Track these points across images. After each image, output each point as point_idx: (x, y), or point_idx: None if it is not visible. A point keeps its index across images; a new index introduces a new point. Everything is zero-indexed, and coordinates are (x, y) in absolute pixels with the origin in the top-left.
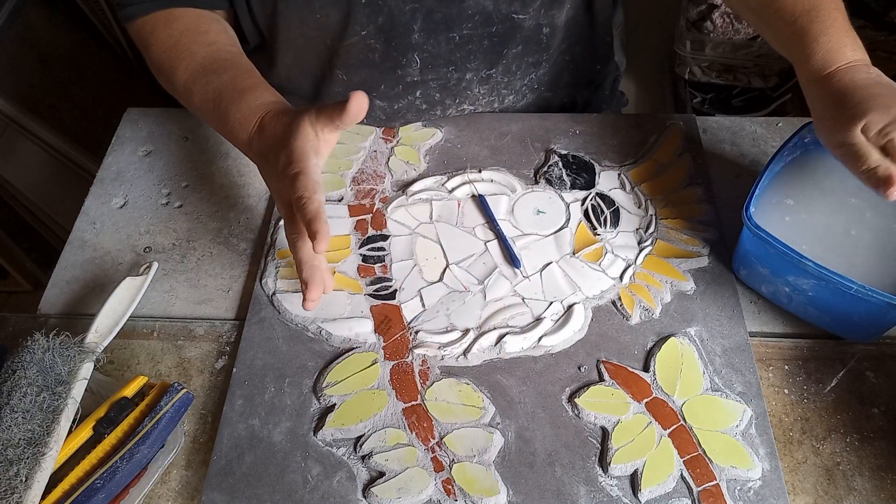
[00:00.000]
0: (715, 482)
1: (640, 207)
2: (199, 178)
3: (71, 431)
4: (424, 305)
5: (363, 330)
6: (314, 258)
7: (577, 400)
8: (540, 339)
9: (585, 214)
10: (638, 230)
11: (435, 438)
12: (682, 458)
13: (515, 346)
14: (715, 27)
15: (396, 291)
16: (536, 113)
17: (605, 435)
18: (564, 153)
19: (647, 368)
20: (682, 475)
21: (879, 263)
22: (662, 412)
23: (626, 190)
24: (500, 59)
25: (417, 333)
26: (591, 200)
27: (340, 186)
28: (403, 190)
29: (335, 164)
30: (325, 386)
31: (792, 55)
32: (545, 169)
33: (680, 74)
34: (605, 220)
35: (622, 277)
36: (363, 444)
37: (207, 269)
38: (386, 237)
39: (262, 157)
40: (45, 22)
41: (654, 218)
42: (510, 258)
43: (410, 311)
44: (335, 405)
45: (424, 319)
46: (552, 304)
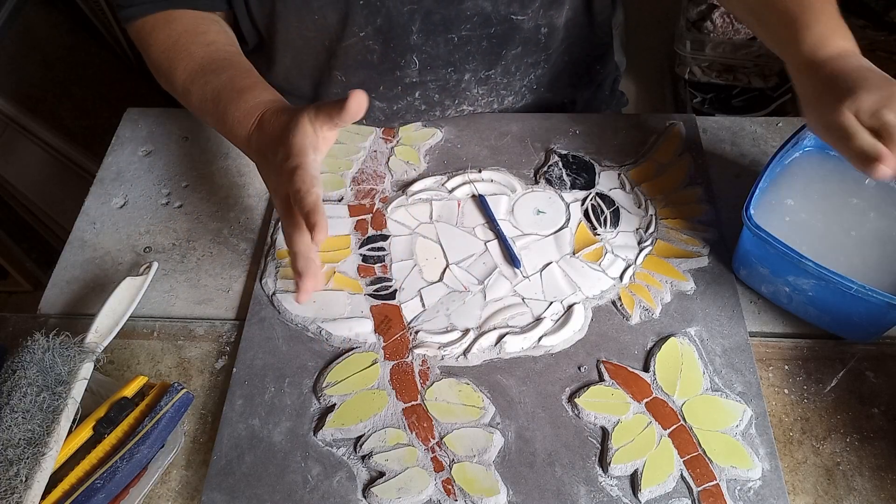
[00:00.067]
0: (715, 482)
1: (640, 207)
2: (199, 178)
3: (71, 431)
4: (424, 305)
5: (363, 330)
6: (310, 251)
7: (577, 400)
8: (540, 339)
9: (585, 214)
10: (638, 230)
11: (435, 438)
12: (682, 458)
13: (515, 346)
14: (715, 27)
15: (396, 291)
16: (536, 113)
17: (605, 435)
18: (564, 153)
19: (647, 368)
20: (682, 475)
21: (879, 263)
22: (662, 412)
23: (626, 190)
24: (499, 59)
25: (417, 333)
26: (591, 200)
27: (340, 186)
28: (403, 190)
29: (335, 164)
30: (325, 386)
31: (782, 44)
32: (545, 169)
33: (680, 74)
34: (605, 220)
35: (622, 277)
36: (363, 444)
37: (207, 269)
38: (386, 237)
39: (260, 154)
40: (45, 22)
41: (654, 218)
42: (510, 258)
43: (410, 311)
44: (335, 405)
45: (424, 319)
46: (552, 304)
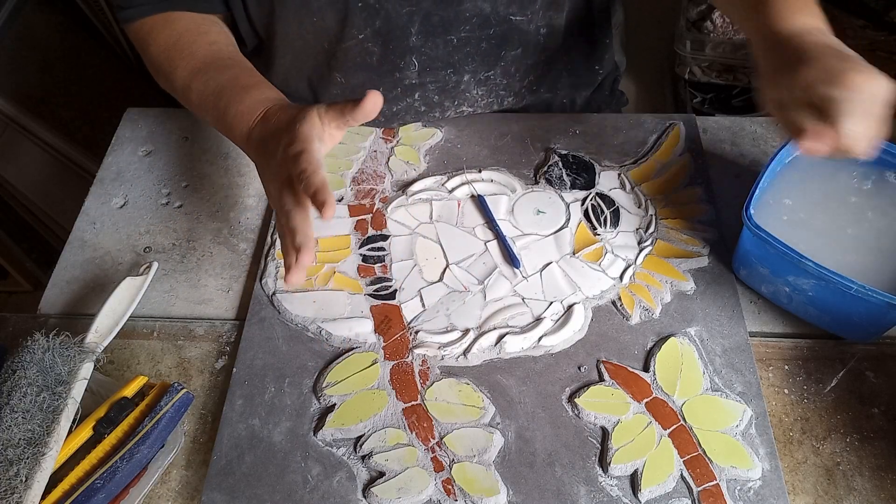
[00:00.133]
0: (715, 482)
1: (640, 207)
2: (199, 178)
3: (71, 431)
4: (424, 305)
5: (363, 330)
6: (309, 228)
7: (577, 400)
8: (540, 339)
9: (585, 214)
10: (638, 230)
11: (435, 438)
12: (682, 458)
13: (515, 346)
14: (715, 27)
15: (396, 291)
16: (536, 113)
17: (605, 435)
18: (564, 153)
19: (647, 368)
20: (682, 475)
21: (877, 262)
22: (662, 412)
23: (626, 190)
24: (498, 61)
25: (417, 333)
26: (591, 200)
27: (340, 186)
28: (403, 190)
29: (335, 164)
30: (325, 386)
31: (747, 19)
32: (545, 169)
33: (680, 74)
34: (605, 220)
35: (622, 277)
36: (363, 444)
37: (207, 269)
38: (386, 237)
39: (261, 143)
40: (45, 22)
41: (654, 218)
42: (510, 258)
43: (410, 311)
44: (335, 405)
45: (424, 319)
46: (552, 304)
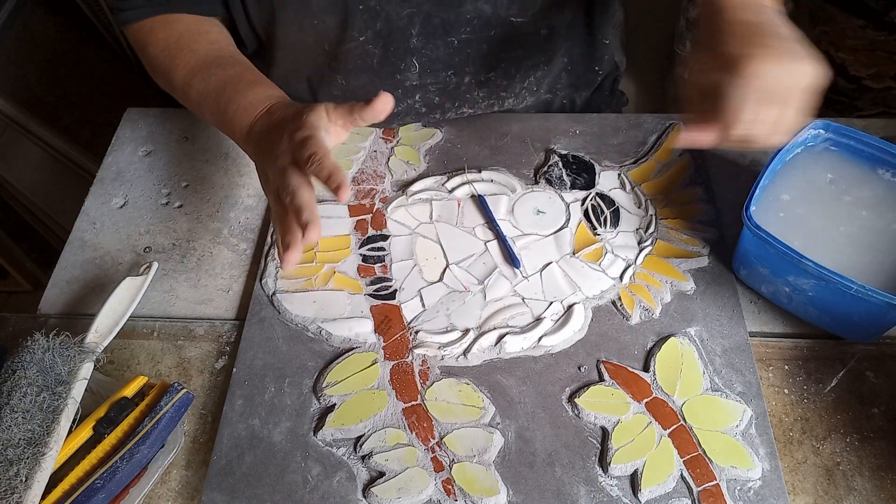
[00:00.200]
0: (715, 482)
1: (640, 207)
2: (199, 178)
3: (71, 431)
4: (424, 305)
5: (363, 330)
6: (315, 205)
7: (577, 400)
8: (540, 339)
9: (585, 214)
10: (638, 230)
11: (435, 438)
12: (682, 458)
13: (515, 346)
14: None
15: (396, 291)
16: (536, 113)
17: (605, 435)
18: (564, 153)
19: (647, 368)
20: (682, 475)
21: (876, 262)
22: (662, 412)
23: (626, 190)
24: (498, 62)
25: (417, 333)
26: (591, 200)
27: None
28: (403, 190)
29: None
30: (325, 386)
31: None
32: (545, 169)
33: (680, 74)
34: (605, 220)
35: (622, 277)
36: (363, 444)
37: (207, 269)
38: (386, 237)
39: (262, 134)
40: (45, 22)
41: (654, 218)
42: (510, 258)
43: (410, 311)
44: (335, 405)
45: (424, 319)
46: (552, 304)
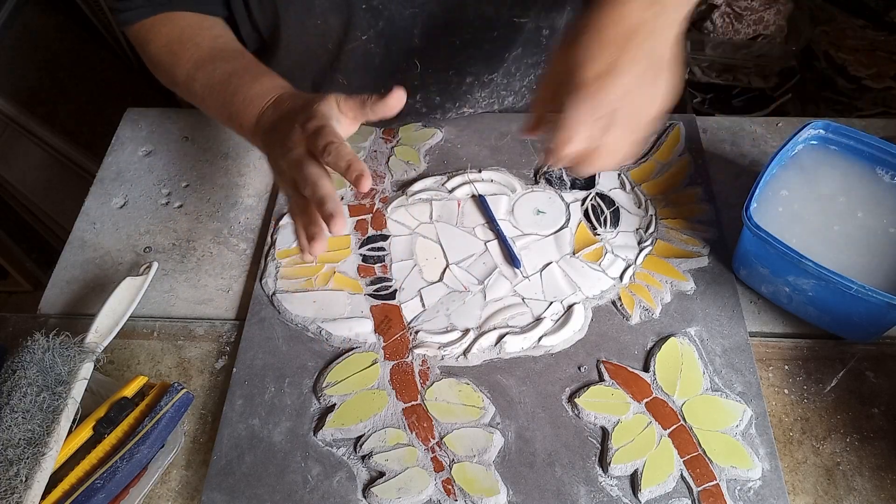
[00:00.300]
0: (715, 482)
1: (640, 207)
2: (199, 178)
3: (71, 431)
4: (424, 305)
5: (363, 330)
6: (336, 194)
7: (577, 400)
8: (540, 339)
9: (585, 214)
10: (638, 230)
11: (435, 438)
12: (682, 458)
13: (515, 346)
14: (715, 27)
15: (396, 291)
16: None
17: (605, 435)
18: None
19: (647, 368)
20: (682, 475)
21: (874, 261)
22: (662, 412)
23: (626, 190)
24: (500, 62)
25: (417, 333)
26: (591, 200)
27: (341, 186)
28: (403, 190)
29: None
30: (325, 386)
31: None
32: (545, 169)
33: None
34: (605, 220)
35: (622, 277)
36: (363, 444)
37: (207, 269)
38: (386, 237)
39: (272, 125)
40: (45, 22)
41: (654, 218)
42: (510, 258)
43: (410, 311)
44: (335, 405)
45: (424, 319)
46: (552, 304)
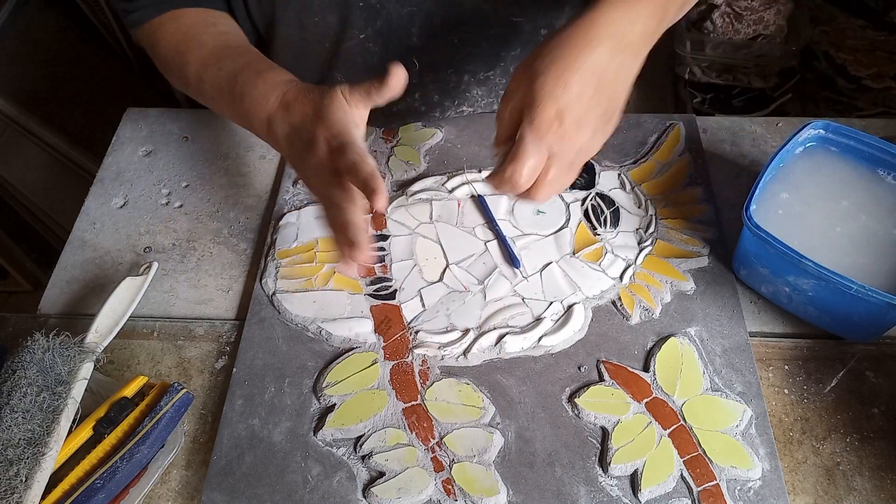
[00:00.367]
0: (715, 482)
1: (640, 207)
2: (199, 178)
3: (71, 431)
4: (424, 305)
5: (363, 330)
6: (361, 222)
7: (577, 400)
8: (540, 339)
9: (585, 214)
10: (638, 230)
11: (435, 438)
12: (682, 458)
13: (515, 346)
14: (715, 27)
15: (396, 291)
16: None
17: (605, 435)
18: None
19: (647, 368)
20: (682, 475)
21: (874, 261)
22: (662, 412)
23: (626, 190)
24: (498, 61)
25: (417, 333)
26: (591, 200)
27: None
28: (403, 190)
29: None
30: (325, 386)
31: None
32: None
33: (680, 74)
34: (605, 220)
35: (622, 277)
36: (363, 444)
37: (207, 269)
38: (386, 237)
39: (289, 136)
40: (45, 22)
41: (654, 218)
42: (510, 258)
43: (410, 311)
44: (335, 405)
45: (424, 319)
46: (552, 304)
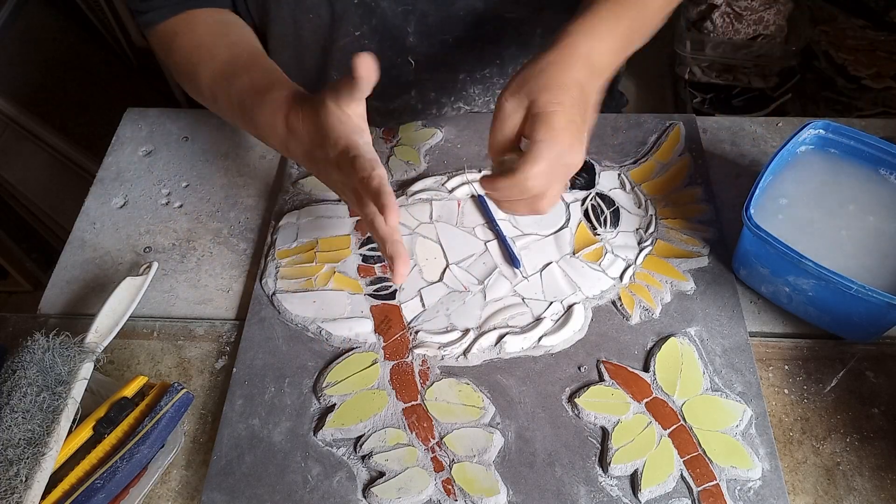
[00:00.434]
0: (715, 482)
1: (640, 207)
2: (199, 178)
3: (71, 431)
4: (424, 305)
5: (363, 330)
6: (394, 233)
7: (577, 400)
8: (540, 339)
9: (585, 214)
10: (638, 230)
11: (435, 438)
12: (682, 458)
13: (515, 346)
14: (715, 27)
15: (396, 291)
16: None
17: (605, 435)
18: None
19: (647, 368)
20: (682, 475)
21: (874, 261)
22: (662, 412)
23: (626, 190)
24: (494, 59)
25: (417, 333)
26: (591, 200)
27: None
28: (403, 190)
29: None
30: (325, 386)
31: None
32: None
33: (680, 74)
34: (605, 220)
35: (622, 277)
36: (363, 444)
37: (207, 269)
38: None
39: (306, 160)
40: (45, 22)
41: (654, 218)
42: (510, 258)
43: (410, 311)
44: (335, 405)
45: (424, 319)
46: (552, 304)
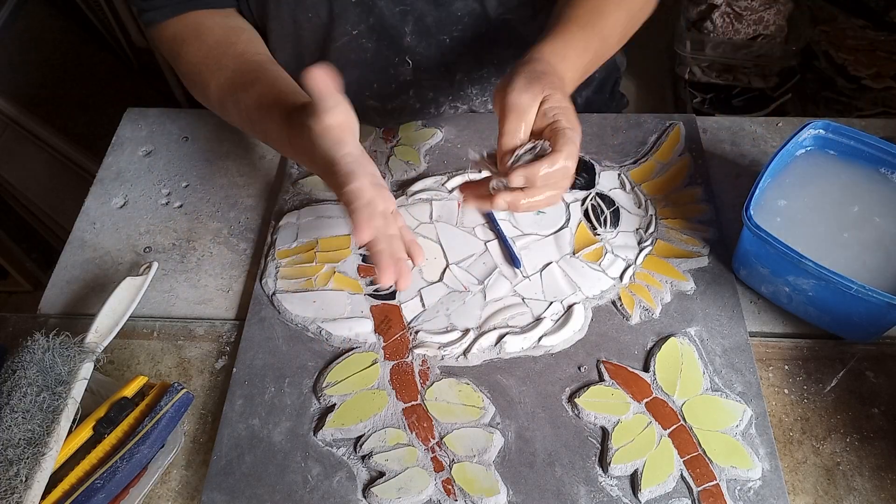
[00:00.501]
0: (715, 482)
1: (640, 207)
2: (199, 178)
3: (71, 431)
4: (424, 305)
5: (363, 330)
6: (399, 251)
7: (577, 400)
8: (540, 339)
9: (585, 214)
10: (638, 230)
11: (435, 438)
12: (682, 458)
13: (515, 346)
14: (715, 27)
15: (396, 291)
16: None
17: (605, 435)
18: None
19: (647, 368)
20: (682, 475)
21: (874, 261)
22: (662, 412)
23: (626, 190)
24: (492, 59)
25: (417, 333)
26: (591, 200)
27: None
28: (403, 190)
29: None
30: (325, 386)
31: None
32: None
33: (680, 74)
34: (605, 220)
35: (622, 277)
36: (363, 444)
37: (207, 269)
38: None
39: (326, 173)
40: (45, 22)
41: (654, 218)
42: (510, 258)
43: (410, 311)
44: (335, 405)
45: (424, 319)
46: (552, 304)
